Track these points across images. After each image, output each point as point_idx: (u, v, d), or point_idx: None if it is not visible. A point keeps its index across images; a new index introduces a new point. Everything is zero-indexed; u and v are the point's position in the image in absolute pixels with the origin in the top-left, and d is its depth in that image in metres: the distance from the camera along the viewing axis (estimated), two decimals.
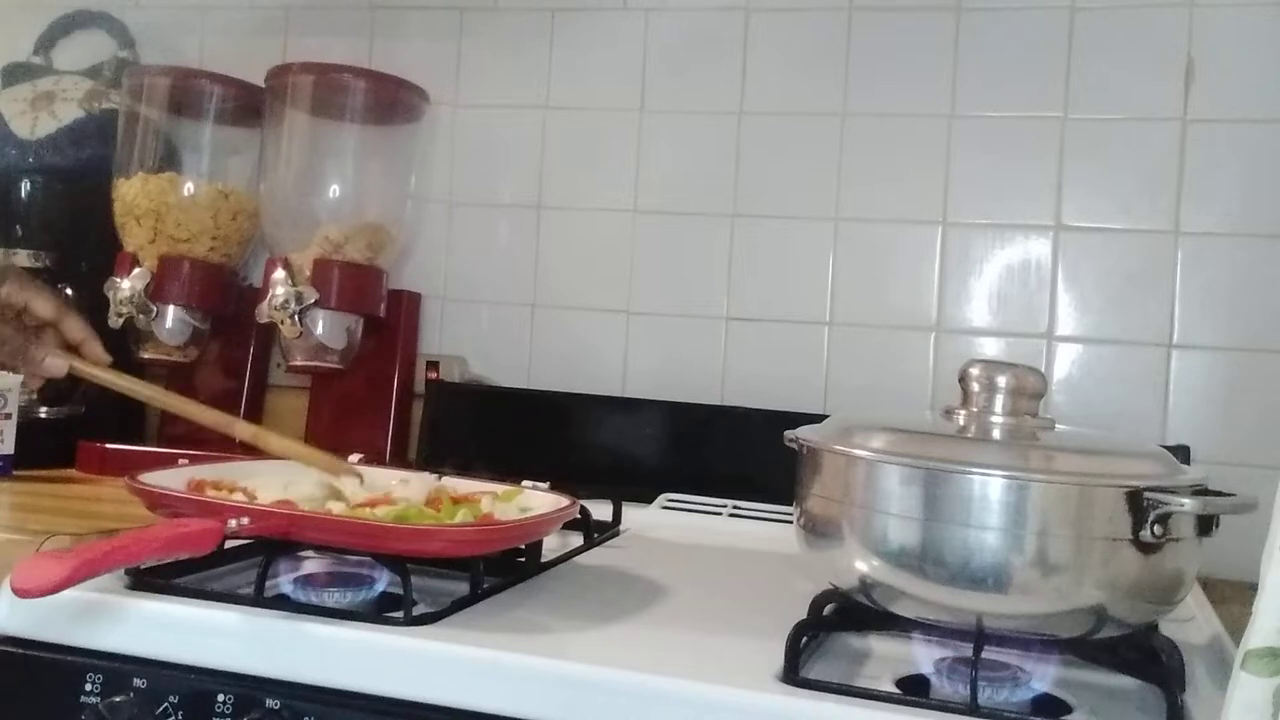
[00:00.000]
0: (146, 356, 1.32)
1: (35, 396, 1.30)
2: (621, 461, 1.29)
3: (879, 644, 0.78)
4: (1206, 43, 1.21)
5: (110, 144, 1.37)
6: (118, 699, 0.72)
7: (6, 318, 0.88)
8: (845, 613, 0.78)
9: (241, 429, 0.92)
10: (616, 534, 1.10)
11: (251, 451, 0.95)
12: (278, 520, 0.76)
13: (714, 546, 1.09)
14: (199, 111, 1.39)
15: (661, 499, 1.23)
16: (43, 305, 0.88)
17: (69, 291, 1.31)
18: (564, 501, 0.89)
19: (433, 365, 1.39)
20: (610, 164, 1.39)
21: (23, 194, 1.37)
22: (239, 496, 0.84)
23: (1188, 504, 0.67)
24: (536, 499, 0.91)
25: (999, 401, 0.77)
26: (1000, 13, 1.27)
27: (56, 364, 0.87)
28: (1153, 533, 0.67)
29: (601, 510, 1.08)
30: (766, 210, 1.34)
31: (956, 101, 1.28)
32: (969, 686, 0.65)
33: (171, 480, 0.84)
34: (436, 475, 0.96)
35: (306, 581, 0.80)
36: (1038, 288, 1.26)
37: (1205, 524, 0.70)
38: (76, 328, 0.90)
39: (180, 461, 0.96)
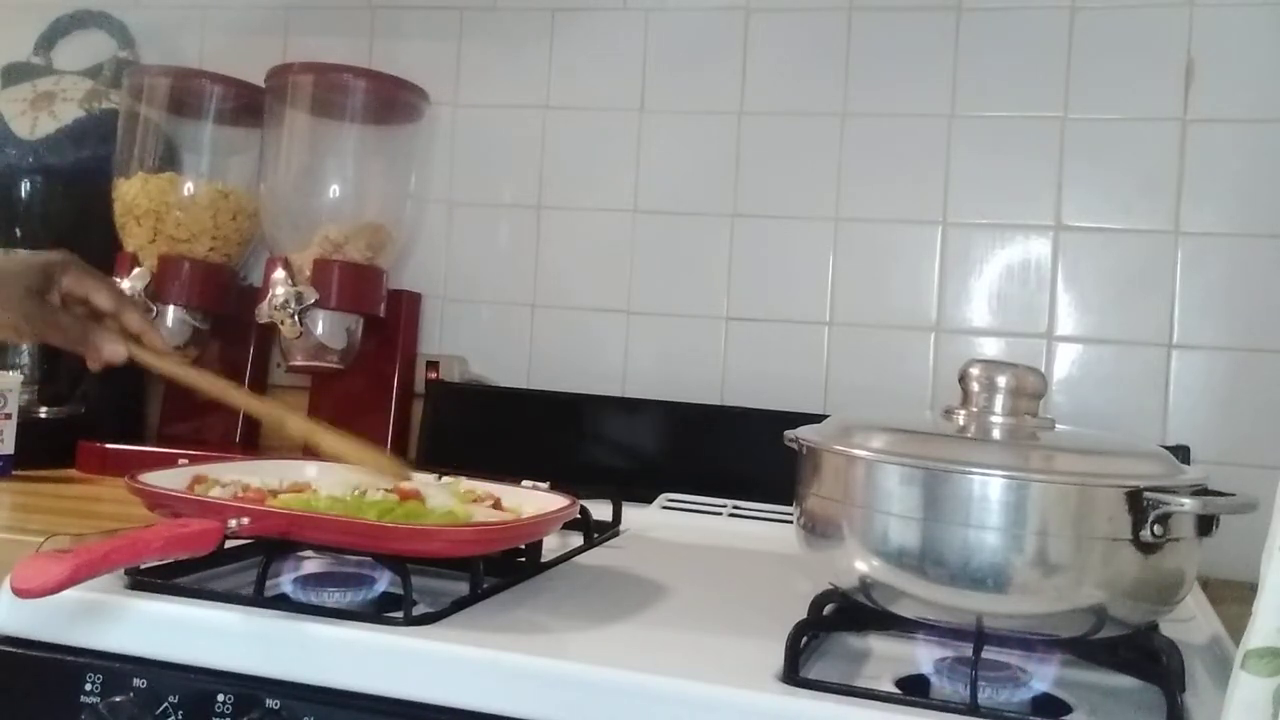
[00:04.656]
0: None
1: (36, 396, 1.30)
2: (621, 461, 1.29)
3: (879, 644, 0.78)
4: (1206, 43, 1.21)
5: (110, 144, 1.37)
6: (118, 699, 0.72)
7: (67, 307, 0.91)
8: (845, 613, 0.77)
9: (294, 424, 0.92)
10: (616, 534, 1.10)
11: (252, 450, 0.94)
12: (277, 520, 0.76)
13: (714, 546, 1.09)
14: (199, 111, 1.39)
15: (661, 499, 1.23)
16: (103, 297, 0.91)
17: (125, 284, 1.30)
18: (564, 501, 0.89)
19: (433, 365, 1.39)
20: (610, 164, 1.39)
21: (23, 194, 1.37)
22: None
23: (1188, 504, 0.67)
24: (536, 499, 0.91)
25: (999, 401, 0.77)
26: (1000, 13, 1.27)
27: (117, 350, 0.90)
28: (1153, 533, 0.67)
29: (601, 510, 1.08)
30: (766, 210, 1.34)
31: (956, 101, 1.28)
32: (969, 686, 0.65)
33: (171, 480, 0.84)
34: (437, 475, 0.96)
35: (306, 581, 0.80)
36: (1038, 288, 1.26)
37: (1205, 524, 0.70)
38: (135, 318, 0.93)
39: (180, 461, 0.96)
